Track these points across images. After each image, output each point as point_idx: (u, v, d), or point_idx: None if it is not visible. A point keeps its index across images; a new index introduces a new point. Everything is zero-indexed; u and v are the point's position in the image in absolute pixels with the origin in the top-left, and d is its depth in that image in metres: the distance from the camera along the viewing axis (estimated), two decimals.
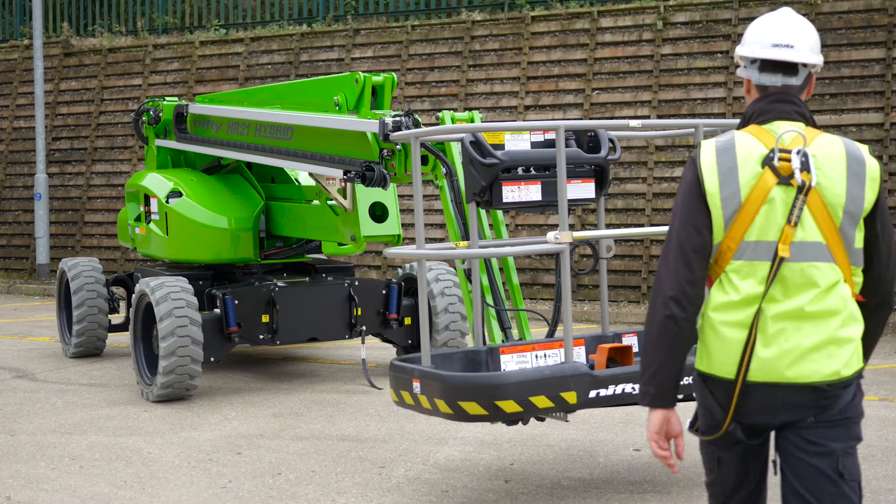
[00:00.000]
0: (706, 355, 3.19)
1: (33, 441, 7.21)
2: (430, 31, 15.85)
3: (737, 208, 3.11)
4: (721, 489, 3.34)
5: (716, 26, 14.07)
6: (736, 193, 3.11)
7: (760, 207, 3.09)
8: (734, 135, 3.21)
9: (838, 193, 3.10)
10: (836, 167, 3.12)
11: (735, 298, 3.11)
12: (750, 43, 3.27)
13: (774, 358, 3.08)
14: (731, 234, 3.13)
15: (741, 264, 3.12)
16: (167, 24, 18.71)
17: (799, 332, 3.09)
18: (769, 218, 3.09)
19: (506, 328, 6.21)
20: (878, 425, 7.26)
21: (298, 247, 9.58)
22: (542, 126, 5.55)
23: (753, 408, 3.13)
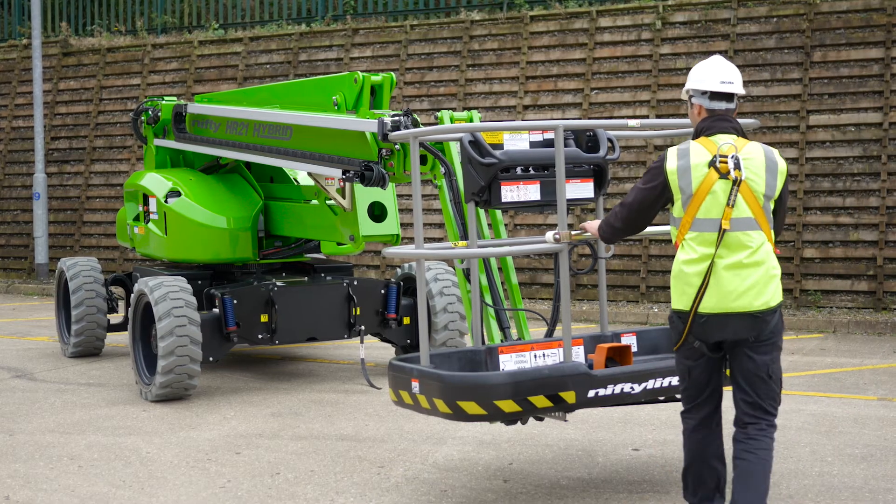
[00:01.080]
0: (678, 297, 4.71)
1: (32, 441, 7.21)
2: (428, 31, 15.85)
3: (690, 196, 4.65)
4: (693, 392, 4.87)
5: (714, 26, 14.07)
6: (689, 186, 4.65)
7: (706, 195, 4.61)
8: (689, 144, 4.71)
9: (760, 184, 4.64)
10: (758, 166, 4.66)
11: (694, 256, 4.65)
12: (702, 80, 4.85)
13: (723, 295, 4.59)
14: (687, 213, 4.67)
15: (696, 234, 4.65)
16: (166, 24, 18.71)
17: (739, 277, 4.59)
18: (713, 202, 4.61)
19: (504, 328, 6.21)
20: (876, 425, 7.27)
21: (297, 246, 9.57)
22: (541, 126, 5.55)
23: (713, 330, 4.64)
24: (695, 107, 4.86)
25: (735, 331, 4.62)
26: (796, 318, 12.15)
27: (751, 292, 4.58)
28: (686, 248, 4.67)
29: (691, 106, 4.88)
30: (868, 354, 10.33)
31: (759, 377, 4.69)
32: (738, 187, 4.58)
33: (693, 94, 4.87)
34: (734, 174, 4.58)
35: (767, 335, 4.65)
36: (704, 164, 4.63)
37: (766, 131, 13.39)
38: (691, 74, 4.91)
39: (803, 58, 13.46)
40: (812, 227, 12.98)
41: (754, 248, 4.61)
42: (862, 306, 12.52)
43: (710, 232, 4.59)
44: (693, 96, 4.87)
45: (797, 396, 8.26)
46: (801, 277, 12.90)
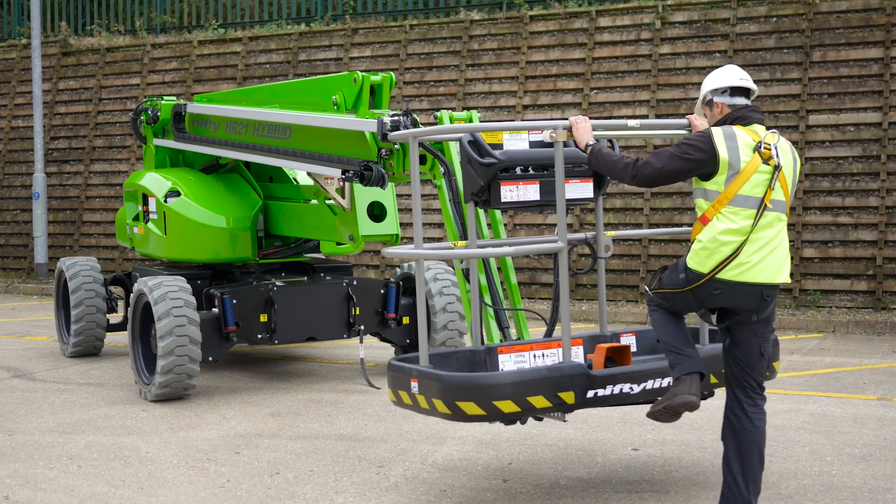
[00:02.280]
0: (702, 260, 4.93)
1: (31, 440, 7.21)
2: (428, 31, 15.85)
3: (737, 172, 4.92)
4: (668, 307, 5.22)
5: (714, 26, 14.07)
6: (738, 163, 4.93)
7: (752, 175, 4.93)
8: (732, 128, 5.01)
9: (790, 174, 5.06)
10: (788, 157, 5.07)
11: (734, 227, 4.91)
12: (722, 79, 5.21)
13: (753, 265, 4.92)
14: (729, 189, 4.92)
15: (737, 209, 4.92)
16: (165, 24, 18.71)
17: (772, 252, 4.97)
18: (757, 182, 4.93)
19: (504, 328, 6.21)
20: (875, 425, 7.27)
21: (297, 246, 9.57)
22: (541, 126, 5.55)
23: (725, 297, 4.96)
24: (717, 106, 5.18)
25: (748, 301, 4.96)
26: (795, 318, 12.15)
27: (780, 267, 4.99)
28: (723, 220, 4.91)
29: (713, 107, 5.21)
30: (867, 354, 10.34)
31: (761, 355, 5.10)
32: (778, 172, 4.95)
33: (714, 95, 5.21)
34: (777, 160, 4.95)
35: (770, 314, 5.07)
36: (750, 148, 4.95)
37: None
38: (708, 81, 5.27)
39: (803, 57, 13.46)
40: (811, 226, 12.99)
41: (780, 228, 5.02)
42: (861, 306, 12.53)
43: (751, 209, 4.91)
44: (714, 97, 5.21)
45: (796, 396, 8.26)
46: (800, 277, 12.90)
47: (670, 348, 5.14)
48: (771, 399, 8.05)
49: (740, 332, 5.08)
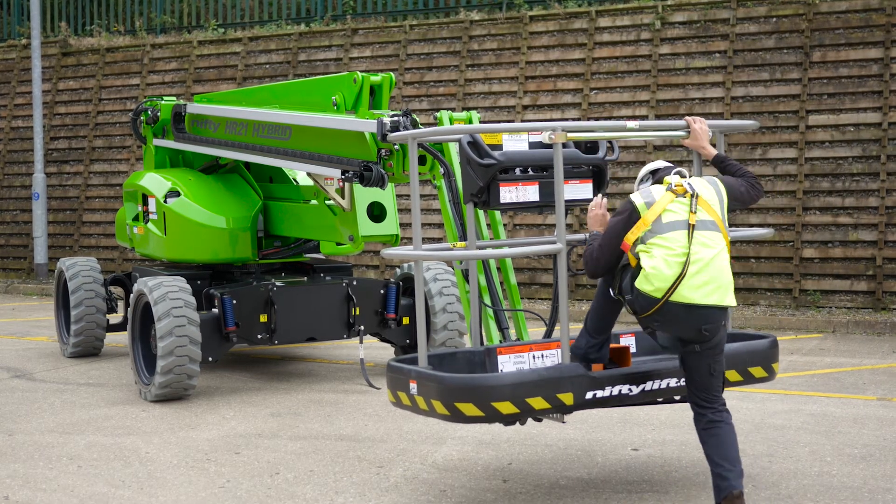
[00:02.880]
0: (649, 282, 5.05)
1: (31, 441, 7.21)
2: (428, 31, 15.85)
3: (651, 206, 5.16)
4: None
5: (714, 26, 14.07)
6: (651, 202, 5.19)
7: (668, 205, 5.15)
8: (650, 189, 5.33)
9: (714, 196, 5.28)
10: (705, 186, 5.30)
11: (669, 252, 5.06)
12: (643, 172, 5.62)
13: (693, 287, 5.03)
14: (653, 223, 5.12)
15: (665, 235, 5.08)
16: (165, 24, 18.71)
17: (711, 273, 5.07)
18: (677, 210, 5.14)
19: (503, 328, 6.21)
20: (875, 425, 7.27)
21: (296, 246, 9.57)
22: (540, 127, 5.55)
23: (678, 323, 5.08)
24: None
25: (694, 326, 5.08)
26: (795, 318, 12.15)
27: (720, 290, 5.10)
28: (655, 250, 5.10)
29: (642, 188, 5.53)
30: (867, 354, 10.34)
31: (711, 375, 5.23)
32: (696, 199, 5.17)
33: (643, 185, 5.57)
34: (691, 191, 5.20)
35: (717, 341, 5.18)
36: (663, 190, 5.25)
37: (766, 131, 13.39)
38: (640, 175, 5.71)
39: (802, 58, 13.46)
40: (811, 227, 12.99)
41: (719, 249, 5.14)
42: (861, 306, 12.53)
43: (680, 230, 5.10)
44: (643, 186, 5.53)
45: (796, 396, 8.27)
46: (800, 277, 12.90)
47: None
48: (770, 399, 8.07)
49: (689, 358, 5.22)
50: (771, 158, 13.34)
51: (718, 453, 5.16)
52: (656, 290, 5.04)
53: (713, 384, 5.24)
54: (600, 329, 5.54)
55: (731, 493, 5.08)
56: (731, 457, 5.17)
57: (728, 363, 5.68)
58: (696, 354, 5.19)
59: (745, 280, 13.11)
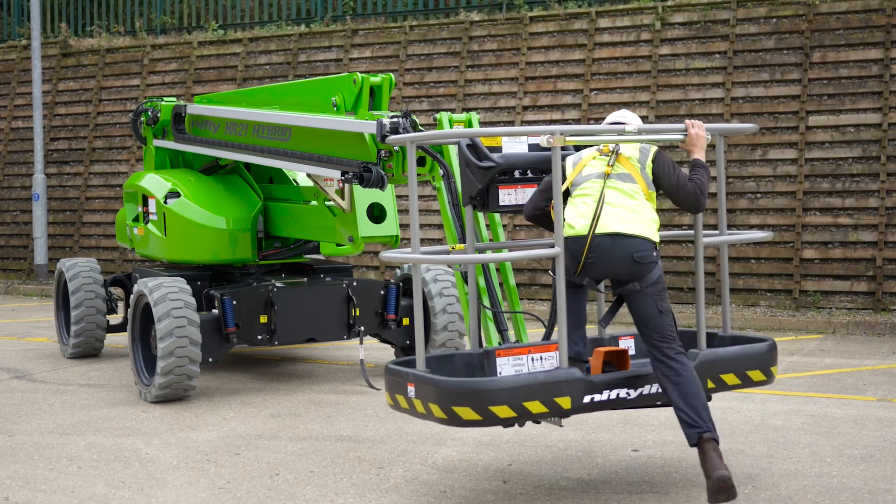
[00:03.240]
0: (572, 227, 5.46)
1: (31, 442, 7.21)
2: (428, 32, 15.86)
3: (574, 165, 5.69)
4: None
5: (714, 27, 14.07)
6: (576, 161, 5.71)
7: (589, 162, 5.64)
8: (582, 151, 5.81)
9: (636, 153, 5.61)
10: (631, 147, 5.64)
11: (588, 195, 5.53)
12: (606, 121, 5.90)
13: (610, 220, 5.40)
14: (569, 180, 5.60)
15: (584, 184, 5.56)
16: (165, 25, 18.72)
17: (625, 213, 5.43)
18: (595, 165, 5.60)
19: (502, 330, 6.21)
20: (875, 426, 7.27)
21: (296, 247, 9.58)
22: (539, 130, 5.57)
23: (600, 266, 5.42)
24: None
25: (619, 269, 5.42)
26: (795, 319, 12.15)
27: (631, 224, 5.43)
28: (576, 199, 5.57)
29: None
30: (867, 355, 10.34)
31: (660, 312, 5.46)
32: (616, 155, 5.58)
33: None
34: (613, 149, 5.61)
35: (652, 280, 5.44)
36: (590, 151, 5.72)
37: (766, 132, 13.40)
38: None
39: (802, 58, 13.47)
40: (811, 227, 12.99)
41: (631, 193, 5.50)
42: (861, 307, 12.53)
43: (597, 179, 5.55)
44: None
45: (796, 397, 8.27)
46: (800, 278, 12.91)
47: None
48: (770, 400, 8.08)
49: (635, 301, 5.48)
50: (771, 159, 13.35)
51: (684, 402, 5.34)
52: (582, 229, 5.41)
53: (664, 322, 5.45)
54: (575, 324, 5.63)
55: (702, 437, 5.27)
56: (697, 405, 5.32)
57: (726, 366, 5.68)
58: (639, 295, 5.43)
59: (745, 281, 13.11)
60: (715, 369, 5.67)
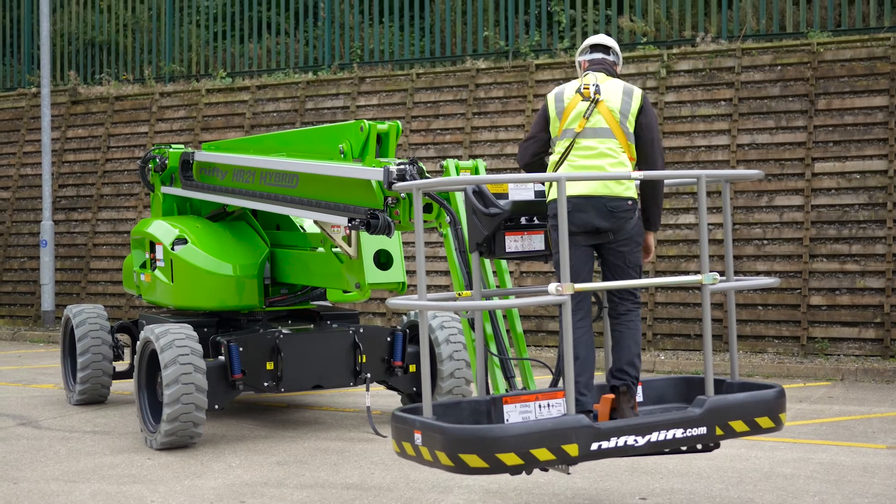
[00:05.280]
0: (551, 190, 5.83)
1: (37, 489, 7.18)
2: (434, 79, 15.95)
3: (561, 112, 5.95)
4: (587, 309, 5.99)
5: (719, 74, 14.15)
6: (561, 106, 5.97)
7: (571, 112, 5.90)
8: (565, 84, 6.06)
9: (616, 103, 5.89)
10: (614, 92, 5.92)
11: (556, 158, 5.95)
12: (584, 44, 6.24)
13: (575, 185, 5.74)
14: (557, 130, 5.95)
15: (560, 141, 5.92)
16: (174, 73, 18.86)
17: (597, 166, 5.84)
18: (575, 117, 5.90)
19: (510, 377, 6.20)
20: (885, 474, 7.22)
21: (303, 294, 9.58)
22: (546, 178, 5.59)
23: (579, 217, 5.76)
24: (581, 64, 6.20)
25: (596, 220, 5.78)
26: (803, 366, 12.10)
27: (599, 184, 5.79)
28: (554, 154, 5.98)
29: (579, 67, 6.21)
30: (876, 402, 10.28)
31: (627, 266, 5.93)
32: (596, 105, 5.84)
33: (579, 56, 6.25)
34: (595, 96, 5.85)
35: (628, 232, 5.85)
36: (573, 91, 5.95)
37: (772, 179, 13.42)
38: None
39: (808, 105, 13.52)
40: (818, 274, 12.97)
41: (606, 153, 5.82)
42: (869, 354, 12.48)
43: (568, 139, 5.87)
44: (579, 58, 6.25)
45: (805, 445, 8.22)
46: (808, 325, 12.87)
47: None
48: (779, 448, 8.03)
49: (608, 252, 5.91)
50: (777, 206, 13.36)
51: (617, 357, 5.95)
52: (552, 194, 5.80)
53: (630, 277, 5.92)
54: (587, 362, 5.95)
55: (619, 389, 5.84)
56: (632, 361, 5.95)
57: (735, 413, 5.66)
58: (611, 249, 5.86)
59: (753, 327, 13.08)
60: (723, 416, 5.64)
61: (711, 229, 12.89)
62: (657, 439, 5.45)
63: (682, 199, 13.80)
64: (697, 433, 5.53)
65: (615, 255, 5.90)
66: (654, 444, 5.46)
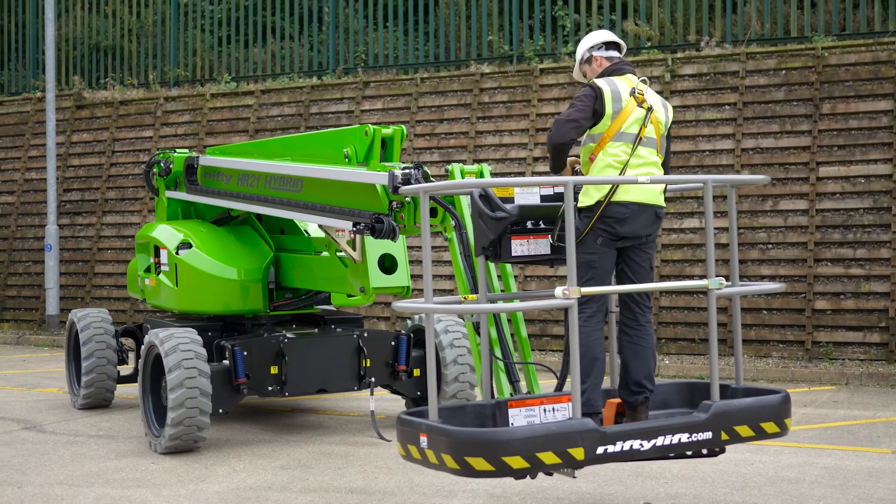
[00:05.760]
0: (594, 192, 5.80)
1: (41, 493, 7.18)
2: (439, 84, 15.96)
3: (617, 114, 5.83)
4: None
5: (723, 78, 14.14)
6: (619, 104, 5.85)
7: (630, 115, 5.84)
8: (612, 78, 5.96)
9: (662, 114, 6.00)
10: (658, 102, 6.02)
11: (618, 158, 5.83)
12: (598, 38, 6.16)
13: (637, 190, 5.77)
14: (611, 128, 5.82)
15: (619, 143, 5.83)
16: (178, 77, 18.88)
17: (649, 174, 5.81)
18: (634, 121, 5.85)
19: (514, 381, 6.19)
20: (890, 478, 7.21)
21: (308, 298, 9.58)
22: (551, 181, 5.58)
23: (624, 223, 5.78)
24: (596, 60, 6.15)
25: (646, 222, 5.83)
26: (808, 370, 12.09)
27: (658, 192, 5.89)
28: (607, 155, 5.84)
29: (592, 62, 6.17)
30: (881, 407, 10.27)
31: (651, 269, 6.00)
32: (650, 113, 5.89)
33: (593, 52, 6.18)
34: (648, 103, 5.90)
35: (653, 238, 5.97)
36: (627, 93, 5.90)
37: (777, 183, 13.41)
38: (584, 42, 6.21)
39: (812, 110, 13.51)
40: (823, 278, 12.96)
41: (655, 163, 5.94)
42: (874, 358, 12.46)
43: (628, 142, 5.83)
44: (593, 53, 6.17)
45: (810, 449, 8.21)
46: (812, 329, 12.85)
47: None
48: (784, 452, 8.01)
49: (636, 254, 5.91)
50: (782, 210, 13.35)
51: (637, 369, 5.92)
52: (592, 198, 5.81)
53: (650, 279, 6.01)
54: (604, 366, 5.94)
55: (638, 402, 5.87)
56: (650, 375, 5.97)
57: (740, 418, 5.65)
58: (639, 251, 5.90)
59: (757, 332, 13.06)
60: (728, 421, 5.63)
61: (716, 233, 12.88)
62: (663, 444, 5.44)
63: (686, 204, 13.79)
64: (703, 438, 5.52)
65: (641, 257, 5.94)
66: (660, 449, 5.45)
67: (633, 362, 5.94)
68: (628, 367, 5.95)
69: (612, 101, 5.83)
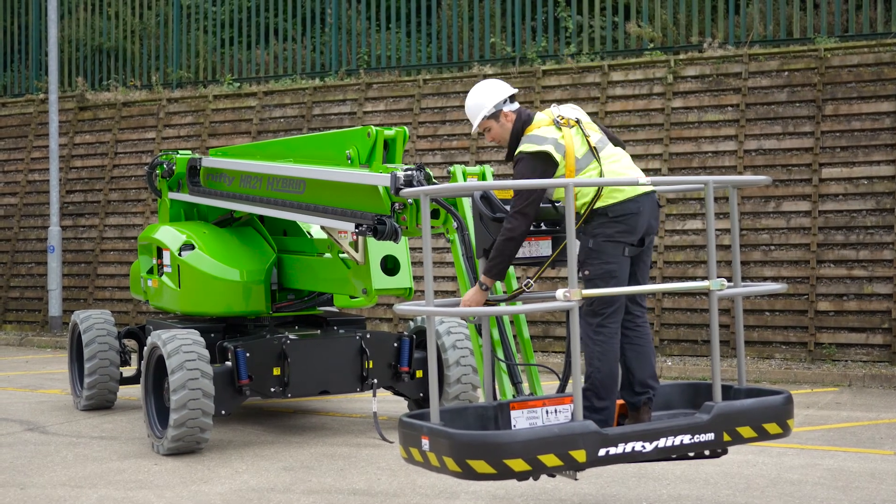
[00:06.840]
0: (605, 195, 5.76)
1: (44, 494, 7.19)
2: (441, 85, 15.97)
3: (565, 155, 5.79)
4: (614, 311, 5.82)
5: (726, 80, 14.14)
6: (562, 149, 5.78)
7: (574, 145, 5.81)
8: (538, 132, 5.84)
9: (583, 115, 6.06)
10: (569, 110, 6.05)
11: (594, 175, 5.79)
12: (502, 92, 6.06)
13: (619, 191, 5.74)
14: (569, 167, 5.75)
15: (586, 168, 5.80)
16: (181, 79, 18.89)
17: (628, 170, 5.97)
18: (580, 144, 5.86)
19: (517, 383, 6.19)
20: (893, 480, 7.20)
21: (310, 299, 9.59)
22: (553, 183, 5.58)
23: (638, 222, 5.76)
24: (505, 115, 6.02)
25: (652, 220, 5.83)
26: (811, 372, 12.08)
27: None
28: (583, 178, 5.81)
29: (499, 117, 6.02)
30: (884, 408, 10.26)
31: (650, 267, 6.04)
32: (580, 125, 5.91)
33: (501, 107, 6.03)
34: (571, 122, 5.91)
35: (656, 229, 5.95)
36: (556, 129, 5.82)
37: (779, 184, 13.40)
38: (485, 96, 6.05)
39: (815, 111, 13.51)
40: (826, 279, 12.95)
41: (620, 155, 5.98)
42: (877, 359, 12.45)
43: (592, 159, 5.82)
44: (502, 108, 6.03)
45: (813, 451, 8.20)
46: (815, 330, 12.85)
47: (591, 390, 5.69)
48: (787, 454, 8.01)
49: (644, 252, 5.89)
50: (784, 211, 13.35)
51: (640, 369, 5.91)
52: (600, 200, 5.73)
53: (647, 277, 6.00)
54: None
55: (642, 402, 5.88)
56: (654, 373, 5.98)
57: (742, 419, 5.65)
58: (644, 249, 5.86)
59: (760, 333, 13.05)
60: (731, 422, 5.63)
61: (718, 235, 12.87)
62: (665, 445, 5.44)
63: (688, 205, 13.78)
64: (705, 439, 5.52)
65: (647, 254, 5.92)
66: (662, 450, 5.45)
67: (635, 363, 5.90)
68: (632, 369, 5.90)
69: (556, 151, 5.74)
